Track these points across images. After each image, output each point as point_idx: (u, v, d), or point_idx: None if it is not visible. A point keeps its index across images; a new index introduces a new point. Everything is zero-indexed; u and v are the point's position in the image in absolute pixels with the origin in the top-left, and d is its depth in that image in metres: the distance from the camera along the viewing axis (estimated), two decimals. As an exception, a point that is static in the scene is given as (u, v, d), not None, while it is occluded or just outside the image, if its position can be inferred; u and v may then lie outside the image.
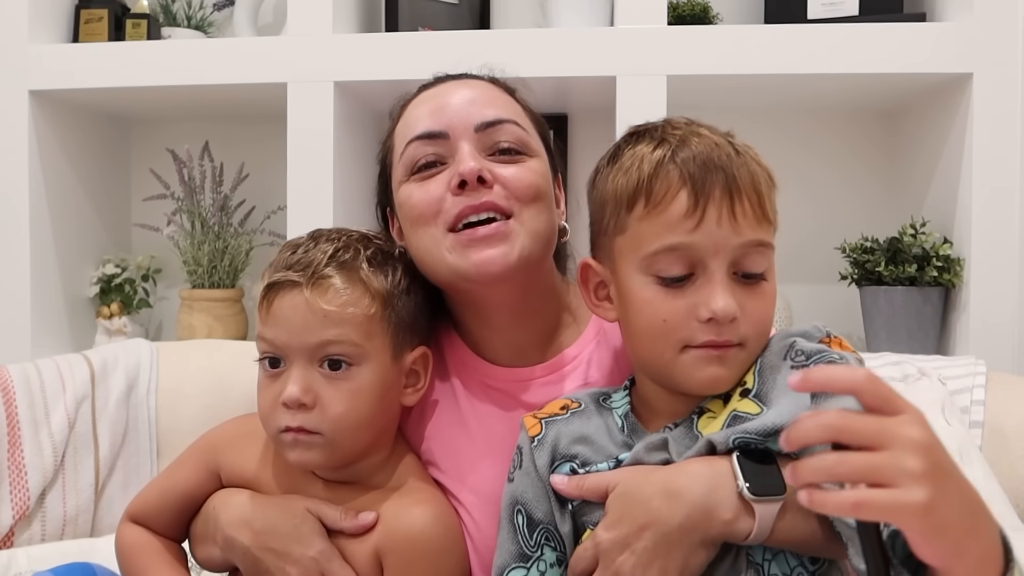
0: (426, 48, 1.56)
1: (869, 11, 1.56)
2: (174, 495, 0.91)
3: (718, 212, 0.70)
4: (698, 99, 1.70)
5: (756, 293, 0.72)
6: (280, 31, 1.77)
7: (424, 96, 0.92)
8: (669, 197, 0.71)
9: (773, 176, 0.76)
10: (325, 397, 0.81)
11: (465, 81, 0.92)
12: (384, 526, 0.83)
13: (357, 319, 0.82)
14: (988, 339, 1.44)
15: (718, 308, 0.70)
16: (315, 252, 0.84)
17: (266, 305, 0.83)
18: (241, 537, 0.83)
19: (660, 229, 0.72)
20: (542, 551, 0.78)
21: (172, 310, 1.91)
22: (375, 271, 0.85)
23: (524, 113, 0.93)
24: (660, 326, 0.73)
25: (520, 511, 0.79)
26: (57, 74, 1.64)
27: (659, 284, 0.73)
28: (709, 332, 0.71)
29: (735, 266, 0.72)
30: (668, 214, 0.71)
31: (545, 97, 1.71)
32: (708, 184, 0.71)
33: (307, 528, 0.82)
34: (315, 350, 0.81)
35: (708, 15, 1.66)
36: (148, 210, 1.88)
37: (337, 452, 0.83)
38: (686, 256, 0.71)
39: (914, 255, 1.51)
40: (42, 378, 1.26)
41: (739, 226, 0.71)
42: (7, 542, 1.17)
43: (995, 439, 1.10)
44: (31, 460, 1.20)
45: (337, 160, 1.59)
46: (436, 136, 0.86)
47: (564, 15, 1.62)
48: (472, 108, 0.87)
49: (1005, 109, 1.45)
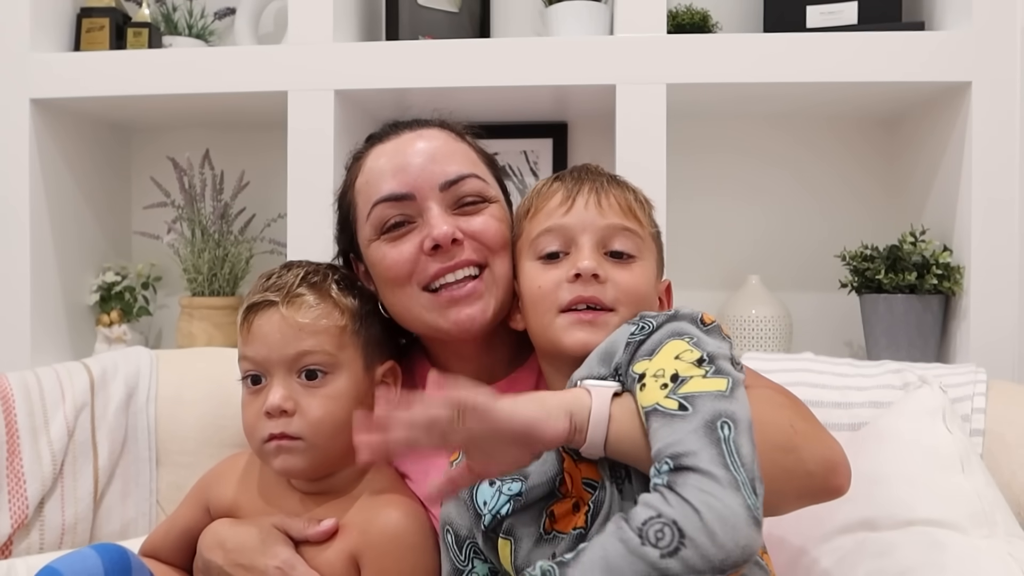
0: (426, 56, 1.57)
1: (868, 20, 1.57)
2: (175, 532, 1.00)
3: (585, 200, 0.85)
4: (697, 107, 1.71)
5: (624, 267, 0.84)
6: (281, 39, 1.77)
7: (382, 150, 0.95)
8: (548, 196, 0.87)
9: (650, 201, 0.91)
10: (304, 404, 0.88)
11: (419, 132, 0.95)
12: (359, 529, 0.88)
13: (330, 331, 0.90)
14: (988, 347, 1.44)
15: (583, 266, 0.81)
16: (288, 276, 0.93)
17: (246, 326, 0.91)
18: (215, 558, 0.90)
19: (541, 219, 0.86)
20: (472, 564, 0.84)
21: (172, 318, 1.91)
22: (343, 292, 0.94)
23: (477, 156, 0.97)
24: (537, 292, 0.84)
25: (448, 530, 0.85)
26: (58, 82, 1.64)
27: (540, 261, 0.85)
28: (576, 289, 0.82)
29: (603, 245, 0.84)
30: (547, 208, 0.86)
31: (545, 105, 1.71)
32: (578, 183, 0.87)
33: (271, 540, 0.88)
34: (293, 361, 0.89)
35: (707, 24, 1.67)
36: (148, 218, 1.89)
37: (318, 456, 0.89)
38: (560, 235, 0.85)
39: (914, 263, 1.51)
40: (41, 386, 1.26)
41: (604, 212, 0.84)
42: (6, 551, 1.17)
43: (996, 447, 1.09)
44: (30, 468, 1.20)
45: (337, 168, 1.59)
46: (403, 198, 0.90)
47: (564, 24, 1.63)
48: (434, 167, 0.91)
49: (1004, 117, 1.46)
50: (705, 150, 1.83)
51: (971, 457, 1.01)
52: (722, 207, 1.82)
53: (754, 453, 0.65)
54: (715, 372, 0.70)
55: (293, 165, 1.59)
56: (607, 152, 1.53)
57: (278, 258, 1.78)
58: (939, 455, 1.01)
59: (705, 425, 0.65)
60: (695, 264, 1.82)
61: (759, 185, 1.82)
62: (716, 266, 1.81)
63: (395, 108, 1.76)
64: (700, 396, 0.68)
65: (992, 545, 0.90)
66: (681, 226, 1.69)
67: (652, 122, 1.51)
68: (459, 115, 1.76)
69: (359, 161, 0.97)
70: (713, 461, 0.63)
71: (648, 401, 0.69)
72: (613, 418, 0.71)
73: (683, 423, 0.66)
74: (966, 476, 0.98)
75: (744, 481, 0.63)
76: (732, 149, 1.83)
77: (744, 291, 1.67)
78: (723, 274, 1.80)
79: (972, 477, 0.98)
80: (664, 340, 0.74)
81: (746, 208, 1.82)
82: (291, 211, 1.59)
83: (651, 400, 0.69)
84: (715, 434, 0.65)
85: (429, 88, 1.57)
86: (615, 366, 0.76)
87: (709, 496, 0.61)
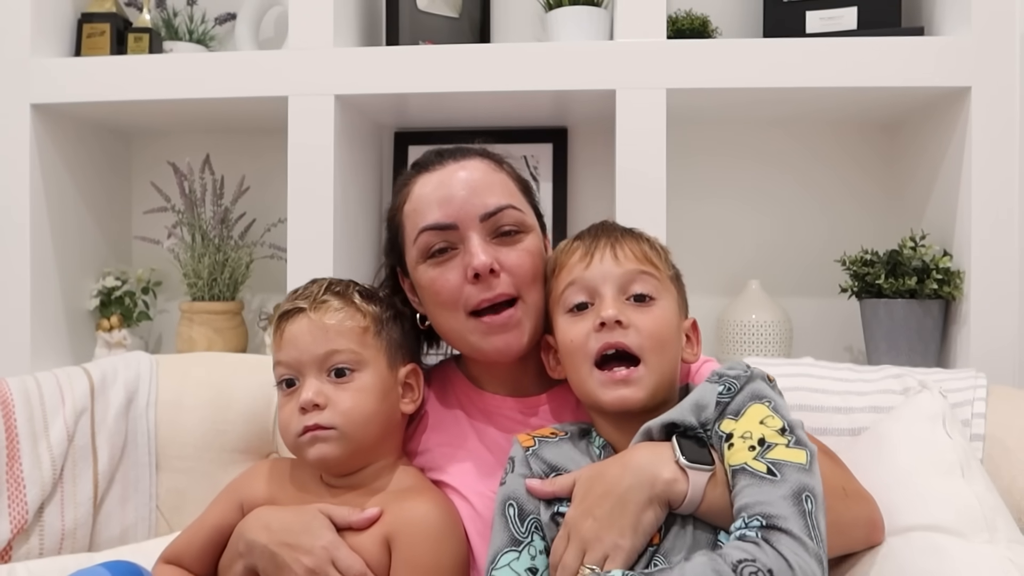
0: (427, 62, 1.57)
1: (868, 25, 1.57)
2: (205, 531, 1.03)
3: (602, 254, 0.94)
4: (697, 112, 1.71)
5: (645, 310, 0.92)
6: (281, 45, 1.78)
7: (428, 179, 1.03)
8: (570, 253, 0.97)
9: (666, 249, 0.99)
10: (335, 398, 0.97)
11: (462, 163, 1.03)
12: (392, 515, 0.95)
13: (354, 331, 0.99)
14: (988, 352, 1.44)
15: (605, 314, 0.89)
16: (313, 287, 1.02)
17: (279, 333, 1.00)
18: (260, 538, 0.94)
19: (565, 275, 0.96)
20: (532, 538, 0.89)
21: (172, 323, 1.91)
22: (364, 300, 1.03)
23: (514, 185, 1.05)
24: (571, 345, 0.93)
25: (512, 505, 0.90)
26: (59, 87, 1.65)
27: (569, 314, 0.94)
28: (603, 337, 0.90)
29: (624, 291, 0.92)
30: (569, 264, 0.96)
31: (545, 110, 1.72)
32: (595, 239, 0.96)
33: (317, 523, 0.93)
34: (323, 360, 0.97)
35: (707, 29, 1.67)
36: (149, 223, 1.89)
37: (350, 446, 0.97)
38: (583, 287, 0.93)
39: (914, 268, 1.51)
40: (41, 391, 1.26)
41: (621, 262, 0.93)
42: (5, 555, 1.16)
43: (996, 452, 1.09)
44: (30, 473, 1.19)
45: (337, 173, 1.59)
46: (446, 228, 0.99)
47: (564, 29, 1.63)
48: (475, 199, 1.00)
49: (1003, 122, 1.46)
50: (704, 155, 1.83)
51: (971, 462, 1.01)
52: (722, 212, 1.83)
53: (825, 529, 0.76)
54: (796, 443, 0.81)
55: (293, 170, 1.59)
56: (607, 157, 1.53)
57: (278, 263, 1.78)
58: (939, 460, 1.01)
59: (793, 495, 0.76)
60: (695, 269, 1.79)
61: (759, 190, 1.82)
62: (716, 271, 1.81)
63: (395, 113, 1.76)
64: (786, 465, 0.78)
65: (993, 551, 0.90)
66: (681, 231, 1.69)
67: (652, 127, 1.51)
68: (459, 120, 1.78)
69: (406, 187, 1.05)
70: (803, 531, 0.73)
71: (737, 460, 0.80)
72: (705, 499, 0.81)
73: (772, 488, 0.77)
74: (966, 481, 0.97)
75: (823, 555, 0.74)
76: (731, 154, 1.83)
77: (744, 296, 1.67)
78: (723, 279, 1.80)
79: (972, 482, 0.98)
80: (747, 403, 0.85)
81: (746, 213, 1.82)
82: (291, 216, 1.59)
83: (740, 460, 0.80)
84: (801, 506, 0.75)
85: (429, 93, 1.57)
86: (703, 420, 0.85)
87: (800, 559, 0.72)
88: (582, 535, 0.83)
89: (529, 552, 0.87)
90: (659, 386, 0.90)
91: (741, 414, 0.84)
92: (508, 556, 0.87)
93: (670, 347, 0.92)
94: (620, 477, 0.83)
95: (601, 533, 0.81)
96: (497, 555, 0.88)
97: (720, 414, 0.85)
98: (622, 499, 0.82)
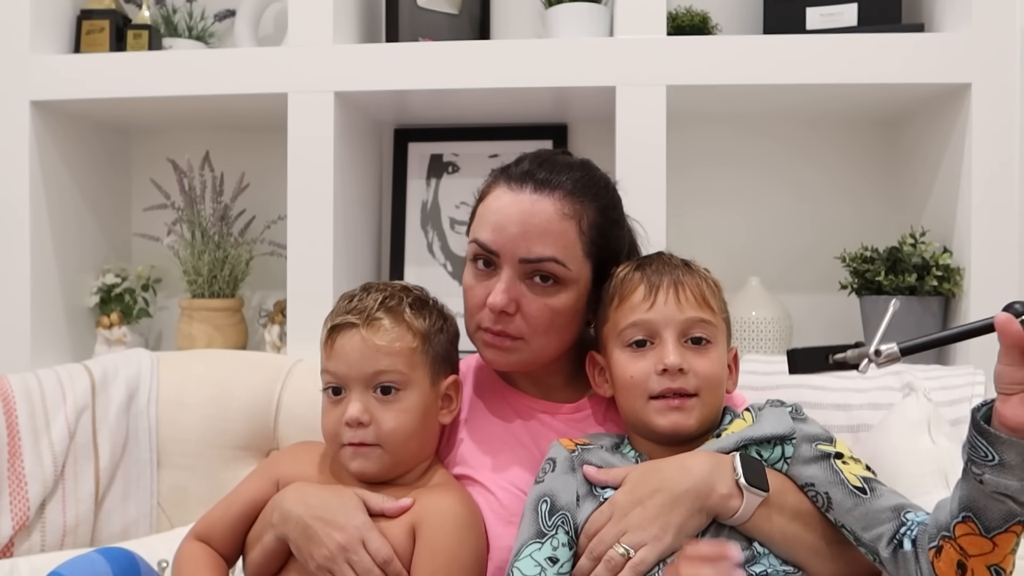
0: (426, 58, 1.57)
1: (868, 21, 1.57)
2: (238, 504, 1.05)
3: (666, 296, 0.97)
4: (697, 109, 1.71)
5: (702, 353, 0.96)
6: (281, 41, 1.77)
7: (501, 195, 1.04)
8: (631, 290, 0.99)
9: (719, 284, 1.03)
10: (379, 416, 0.99)
11: (539, 196, 1.02)
12: (419, 505, 0.99)
13: (403, 352, 1.01)
14: (987, 349, 1.43)
15: (669, 361, 0.93)
16: (367, 300, 1.03)
17: (329, 343, 1.02)
18: (296, 509, 0.96)
19: (627, 312, 0.98)
20: (557, 531, 0.92)
21: (172, 320, 1.91)
22: (415, 314, 1.04)
23: (576, 236, 1.03)
24: (630, 381, 0.96)
25: (545, 501, 0.94)
26: (59, 84, 1.65)
27: (629, 350, 0.97)
28: (664, 382, 0.94)
29: (683, 335, 0.96)
30: (631, 301, 0.98)
31: (545, 107, 1.71)
32: (659, 279, 0.98)
33: (352, 504, 0.97)
34: (370, 378, 1.00)
35: (707, 25, 1.67)
36: (148, 220, 1.89)
37: (390, 461, 1.00)
38: (645, 328, 0.96)
39: (914, 264, 1.52)
40: (42, 388, 1.26)
41: (683, 306, 0.96)
42: (7, 552, 1.17)
43: (995, 449, 1.10)
44: (31, 470, 1.20)
45: (337, 170, 1.59)
46: (490, 251, 1.03)
47: (564, 25, 1.63)
48: (522, 241, 1.01)
49: (1004, 118, 1.46)
50: (705, 151, 1.83)
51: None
52: (722, 208, 1.83)
53: None
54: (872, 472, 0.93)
55: (293, 167, 1.59)
56: (607, 154, 1.53)
57: (278, 260, 1.78)
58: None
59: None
60: (695, 265, 1.81)
61: (758, 186, 1.82)
62: (716, 267, 1.78)
63: (395, 110, 1.76)
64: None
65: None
66: (681, 227, 1.69)
67: (652, 123, 1.51)
68: (459, 117, 1.77)
69: (490, 186, 1.07)
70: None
71: (861, 471, 0.91)
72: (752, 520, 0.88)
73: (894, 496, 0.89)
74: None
75: None
76: (732, 150, 1.83)
77: (744, 293, 1.67)
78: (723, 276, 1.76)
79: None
80: (829, 435, 0.95)
81: (746, 209, 1.82)
82: (291, 213, 1.59)
83: (862, 471, 0.91)
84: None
85: (429, 90, 1.57)
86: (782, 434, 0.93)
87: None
88: (627, 519, 0.88)
89: (552, 544, 0.91)
90: (708, 416, 0.96)
91: (833, 441, 0.94)
92: (531, 547, 0.91)
93: (722, 384, 0.98)
94: (678, 478, 0.88)
95: (646, 523, 0.87)
96: (522, 547, 0.92)
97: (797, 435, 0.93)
98: (675, 499, 0.87)
